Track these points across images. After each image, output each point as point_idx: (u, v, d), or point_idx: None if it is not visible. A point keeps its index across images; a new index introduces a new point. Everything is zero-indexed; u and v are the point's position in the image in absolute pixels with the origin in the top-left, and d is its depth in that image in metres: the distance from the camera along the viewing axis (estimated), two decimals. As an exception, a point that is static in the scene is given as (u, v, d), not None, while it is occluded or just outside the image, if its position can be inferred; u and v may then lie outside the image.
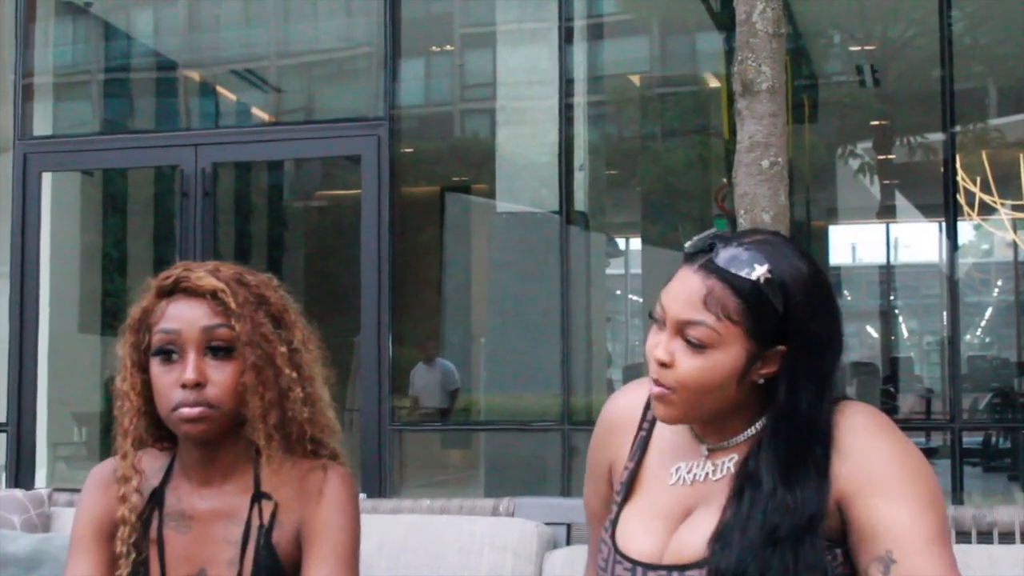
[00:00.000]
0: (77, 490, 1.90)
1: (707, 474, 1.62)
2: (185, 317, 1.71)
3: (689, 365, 1.55)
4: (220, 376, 1.70)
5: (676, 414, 1.59)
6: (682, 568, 1.55)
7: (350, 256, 6.40)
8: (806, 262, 1.58)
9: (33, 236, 6.36)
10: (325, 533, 1.72)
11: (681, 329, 1.56)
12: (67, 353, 7.59)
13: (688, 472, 1.64)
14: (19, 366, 6.24)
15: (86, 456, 8.01)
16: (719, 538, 1.53)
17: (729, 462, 1.61)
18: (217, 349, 1.70)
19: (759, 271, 1.52)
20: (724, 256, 1.55)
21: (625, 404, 1.77)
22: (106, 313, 8.55)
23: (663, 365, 1.57)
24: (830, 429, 1.56)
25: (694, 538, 1.56)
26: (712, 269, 1.55)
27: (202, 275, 1.72)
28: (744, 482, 1.56)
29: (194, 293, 1.72)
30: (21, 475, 6.17)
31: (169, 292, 1.74)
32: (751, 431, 1.60)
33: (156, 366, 1.72)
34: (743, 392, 1.57)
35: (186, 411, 1.68)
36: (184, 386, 1.68)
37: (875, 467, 1.52)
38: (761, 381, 1.56)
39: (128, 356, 1.76)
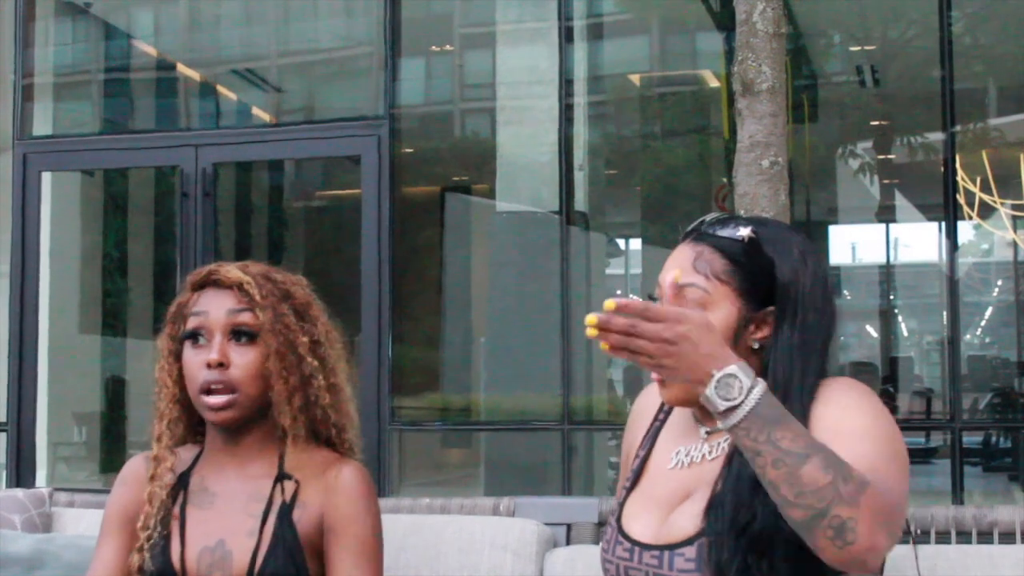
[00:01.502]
0: (78, 490, 1.97)
1: (703, 455, 1.66)
2: (213, 304, 1.84)
3: None
4: (243, 359, 1.82)
5: (675, 393, 1.63)
6: (673, 547, 1.59)
7: (350, 256, 6.40)
8: (793, 231, 1.67)
9: (33, 236, 6.35)
10: (347, 527, 1.82)
11: (676, 296, 1.60)
12: (67, 353, 7.59)
13: (686, 455, 1.68)
14: (19, 366, 6.24)
15: (86, 456, 8.01)
16: (712, 507, 1.56)
17: (724, 442, 1.64)
18: (241, 334, 1.82)
19: (743, 231, 1.60)
20: (713, 226, 1.64)
21: (647, 399, 1.84)
22: (106, 313, 8.55)
23: None
24: (816, 386, 1.58)
25: (686, 518, 1.60)
26: (700, 236, 1.64)
27: (231, 269, 1.87)
28: (736, 450, 1.58)
29: (222, 285, 1.86)
30: (21, 475, 6.17)
31: (201, 286, 1.88)
32: None
33: (187, 350, 1.85)
34: (743, 359, 1.59)
35: (213, 399, 1.80)
36: (209, 365, 1.80)
37: (830, 419, 1.54)
38: (756, 346, 1.61)
39: (165, 346, 1.89)
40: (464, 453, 8.10)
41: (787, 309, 1.60)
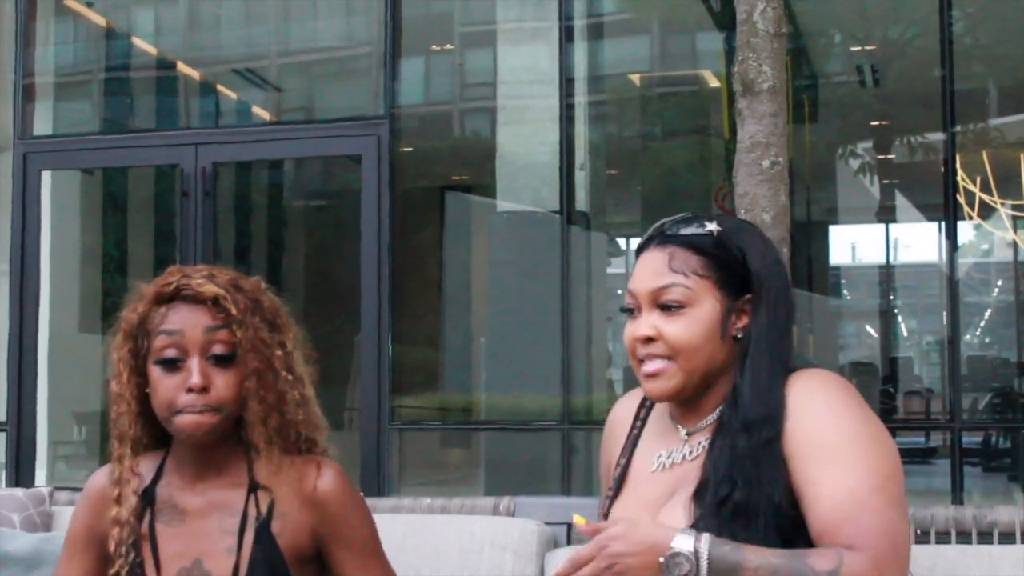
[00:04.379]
0: (77, 489, 1.93)
1: (684, 456, 1.67)
2: (188, 322, 1.74)
3: (674, 328, 1.63)
4: (223, 381, 1.73)
5: (674, 384, 1.65)
6: None
7: (350, 256, 6.39)
8: (749, 224, 1.75)
9: (33, 235, 6.35)
10: (345, 531, 1.78)
11: (656, 299, 1.64)
12: (67, 353, 7.58)
13: (668, 457, 1.69)
14: (19, 365, 6.23)
15: (86, 455, 8.01)
16: (700, 490, 1.58)
17: (705, 440, 1.66)
18: (219, 356, 1.73)
19: (710, 226, 1.66)
20: (676, 227, 1.68)
21: (621, 410, 1.84)
22: (106, 313, 8.54)
23: (650, 340, 1.64)
24: (788, 375, 1.62)
25: (675, 515, 1.61)
26: (667, 239, 1.67)
27: (202, 281, 1.75)
28: (717, 434, 1.62)
29: (195, 300, 1.75)
30: (21, 474, 6.16)
31: (169, 299, 1.77)
32: (723, 405, 1.65)
33: (158, 371, 1.75)
34: (726, 350, 1.64)
35: (192, 418, 1.71)
36: (190, 390, 1.71)
37: (812, 428, 1.56)
38: (740, 335, 1.64)
39: (124, 361, 1.78)
40: (464, 453, 8.10)
41: (761, 295, 1.64)
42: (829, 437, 1.54)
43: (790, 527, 1.53)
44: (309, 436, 1.82)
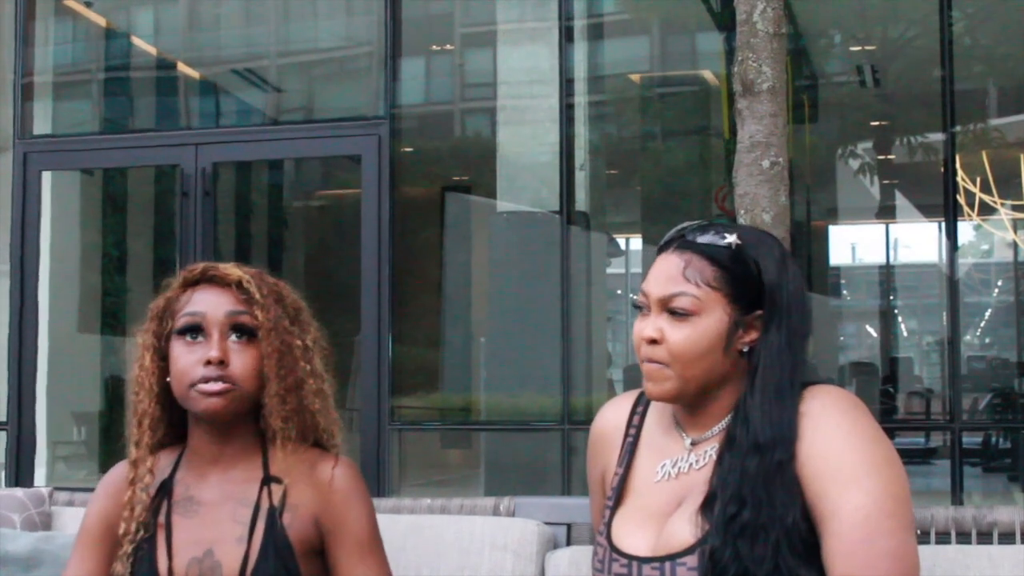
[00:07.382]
0: (77, 489, 1.93)
1: (690, 465, 1.67)
2: (211, 302, 1.79)
3: (678, 335, 1.63)
4: (241, 358, 1.77)
5: (669, 389, 1.65)
6: (674, 557, 1.59)
7: (350, 256, 6.40)
8: (770, 235, 1.73)
9: (33, 235, 6.35)
10: (346, 525, 1.79)
11: (665, 304, 1.65)
12: (67, 353, 7.59)
13: (673, 467, 1.69)
14: (19, 366, 6.24)
15: (86, 456, 8.01)
16: (707, 503, 1.59)
17: (711, 450, 1.66)
18: (241, 332, 1.78)
19: (730, 239, 1.65)
20: (696, 234, 1.68)
21: (610, 417, 1.83)
22: (106, 313, 8.55)
23: (653, 342, 1.65)
24: (801, 389, 1.63)
25: (683, 526, 1.60)
26: (687, 246, 1.67)
27: (229, 267, 1.82)
28: (726, 449, 1.62)
29: (220, 282, 1.81)
30: (21, 474, 6.17)
31: (195, 283, 1.83)
32: (731, 417, 1.65)
33: (179, 346, 1.79)
34: (729, 363, 1.64)
35: (208, 385, 1.74)
36: (209, 363, 1.75)
37: (827, 448, 1.58)
38: (745, 349, 1.65)
39: (148, 343, 1.82)
40: (464, 453, 8.10)
41: (774, 312, 1.64)
42: (845, 459, 1.56)
43: (801, 544, 1.55)
44: (327, 428, 1.85)
